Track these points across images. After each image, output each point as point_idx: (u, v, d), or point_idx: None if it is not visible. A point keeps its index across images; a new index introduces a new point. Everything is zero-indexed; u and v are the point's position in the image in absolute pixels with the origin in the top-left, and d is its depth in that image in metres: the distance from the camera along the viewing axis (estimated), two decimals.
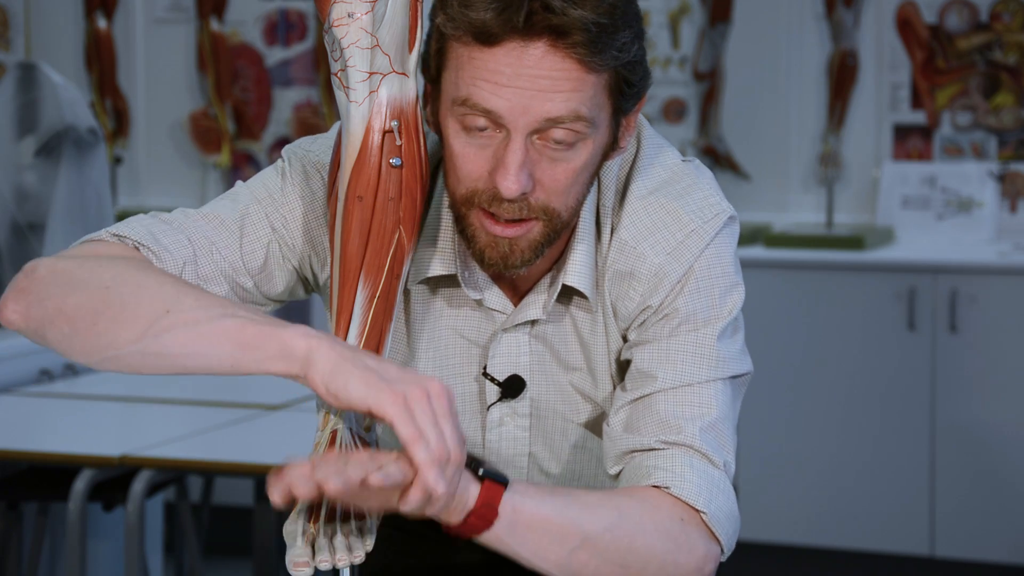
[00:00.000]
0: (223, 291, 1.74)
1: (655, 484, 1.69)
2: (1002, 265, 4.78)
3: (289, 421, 3.45)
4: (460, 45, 1.63)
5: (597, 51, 1.61)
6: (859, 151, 5.38)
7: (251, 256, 1.77)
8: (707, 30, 5.39)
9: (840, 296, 4.86)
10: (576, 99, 1.62)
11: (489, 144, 1.64)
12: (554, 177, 1.65)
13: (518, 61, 1.60)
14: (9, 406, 3.76)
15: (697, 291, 1.76)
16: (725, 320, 1.77)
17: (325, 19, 1.64)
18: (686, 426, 1.73)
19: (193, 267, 1.73)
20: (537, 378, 1.83)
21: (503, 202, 1.64)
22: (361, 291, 1.66)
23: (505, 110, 1.61)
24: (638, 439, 1.74)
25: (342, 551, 1.63)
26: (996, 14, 5.25)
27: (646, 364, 1.76)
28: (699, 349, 1.76)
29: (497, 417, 1.84)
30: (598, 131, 1.66)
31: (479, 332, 1.81)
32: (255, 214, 1.79)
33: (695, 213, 1.77)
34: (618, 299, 1.78)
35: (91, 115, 4.46)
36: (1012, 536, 4.73)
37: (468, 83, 1.62)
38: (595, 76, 1.62)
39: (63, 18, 6.01)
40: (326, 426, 1.65)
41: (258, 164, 5.90)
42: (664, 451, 1.72)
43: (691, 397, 1.75)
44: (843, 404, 4.85)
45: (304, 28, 5.87)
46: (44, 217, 4.26)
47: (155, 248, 1.71)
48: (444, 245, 1.77)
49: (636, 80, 1.67)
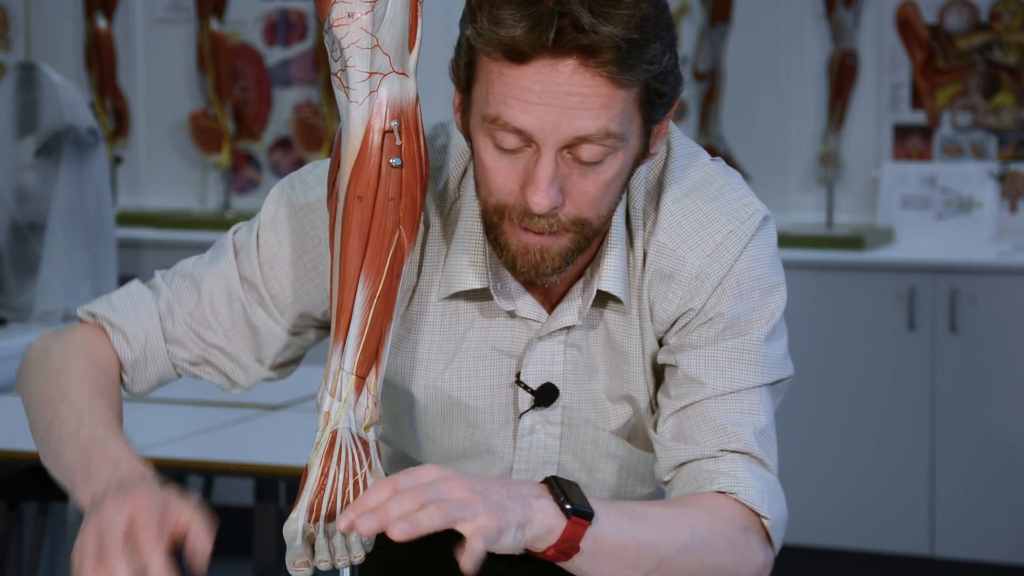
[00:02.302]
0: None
1: (720, 490, 1.70)
2: (1002, 265, 4.78)
3: (289, 421, 3.45)
4: (490, 60, 1.62)
5: (627, 68, 1.60)
6: (859, 151, 5.38)
7: (241, 344, 1.83)
8: (707, 30, 5.39)
9: (840, 296, 4.86)
10: (606, 116, 1.61)
11: (519, 159, 1.64)
12: (584, 190, 1.65)
13: (548, 79, 1.59)
14: (9, 406, 3.76)
15: (739, 295, 1.76)
16: (769, 323, 1.77)
17: (325, 19, 1.64)
18: (742, 432, 1.74)
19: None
20: (570, 387, 1.82)
21: (533, 217, 1.64)
22: (361, 291, 1.66)
23: (536, 128, 1.61)
24: (695, 448, 1.74)
25: (342, 551, 1.63)
26: (996, 14, 5.25)
27: (693, 370, 1.76)
28: (746, 355, 1.76)
29: (529, 425, 1.83)
30: (628, 143, 1.65)
31: (512, 342, 1.81)
32: (237, 301, 1.82)
33: (731, 214, 1.77)
34: (656, 301, 1.77)
35: (91, 115, 4.46)
36: (1012, 536, 4.73)
37: (499, 101, 1.62)
38: (625, 91, 1.62)
39: (63, 18, 6.01)
40: (326, 426, 1.65)
41: (258, 164, 5.91)
42: (723, 457, 1.73)
43: (741, 403, 1.75)
44: (843, 404, 4.85)
45: (304, 28, 5.87)
46: (44, 217, 4.26)
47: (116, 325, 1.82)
48: (476, 258, 1.77)
49: (667, 90, 1.66)
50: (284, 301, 1.82)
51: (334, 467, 1.63)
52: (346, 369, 1.65)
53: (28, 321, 4.22)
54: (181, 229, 5.57)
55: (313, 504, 1.63)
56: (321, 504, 1.63)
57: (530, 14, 1.58)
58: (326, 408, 1.65)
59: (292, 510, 1.64)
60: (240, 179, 5.92)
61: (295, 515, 1.63)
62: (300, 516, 1.63)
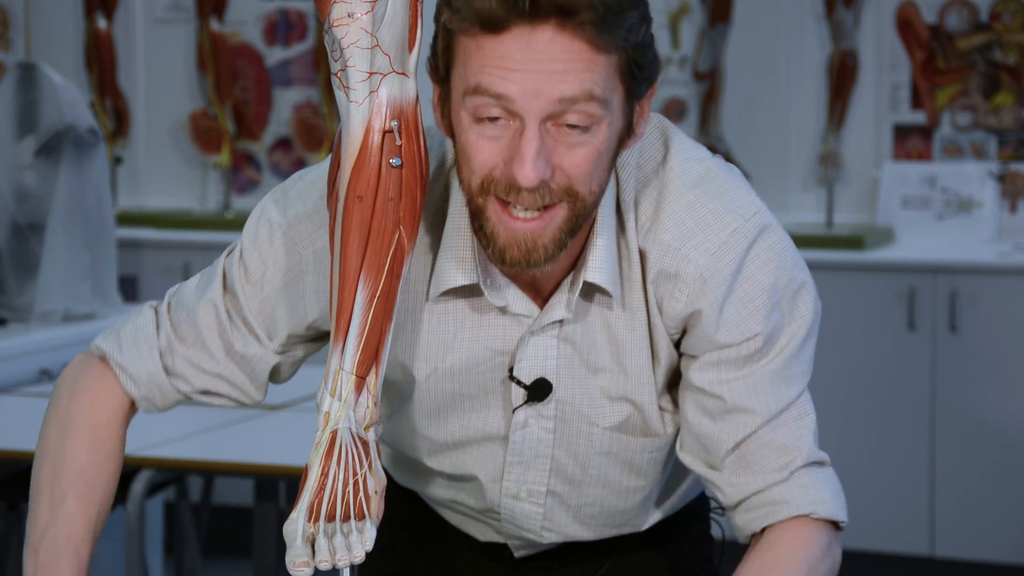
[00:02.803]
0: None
1: (801, 513, 1.73)
2: (1002, 265, 4.78)
3: (289, 421, 3.45)
4: (467, 38, 1.62)
5: (606, 30, 1.59)
6: (859, 151, 5.38)
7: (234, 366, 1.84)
8: (707, 30, 5.39)
9: (840, 296, 4.86)
10: (588, 79, 1.60)
11: (503, 135, 1.63)
12: (574, 162, 1.63)
13: (527, 45, 1.59)
14: (9, 406, 3.76)
15: (770, 308, 1.75)
16: (803, 328, 1.77)
17: (325, 19, 1.64)
18: (802, 444, 1.75)
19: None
20: (564, 381, 1.81)
21: (521, 192, 1.63)
22: (361, 291, 1.66)
23: (517, 94, 1.60)
24: (762, 477, 1.75)
25: (342, 551, 1.63)
26: (996, 14, 5.25)
27: (742, 400, 1.75)
28: (789, 370, 1.76)
29: (522, 419, 1.83)
30: (612, 114, 1.64)
31: (504, 339, 1.80)
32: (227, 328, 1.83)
33: (736, 212, 1.76)
34: (664, 299, 1.76)
35: (91, 115, 4.46)
36: (1012, 536, 4.73)
37: (477, 71, 1.61)
38: (605, 56, 1.61)
39: (63, 18, 6.01)
40: (326, 426, 1.65)
41: (258, 164, 5.91)
42: (790, 479, 1.74)
43: (793, 416, 1.76)
44: (843, 404, 4.85)
45: (304, 28, 5.87)
46: (44, 217, 4.26)
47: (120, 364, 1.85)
48: (464, 255, 1.76)
49: (646, 63, 1.65)
50: (272, 324, 1.82)
51: (334, 467, 1.63)
52: (346, 369, 1.65)
53: (28, 321, 4.23)
54: (181, 229, 5.57)
55: (313, 504, 1.63)
56: (321, 504, 1.63)
57: None
58: (326, 408, 1.65)
59: (292, 510, 1.64)
60: (240, 179, 5.92)
61: (295, 515, 1.63)
62: (300, 516, 1.63)
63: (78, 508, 1.77)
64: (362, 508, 1.66)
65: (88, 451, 1.80)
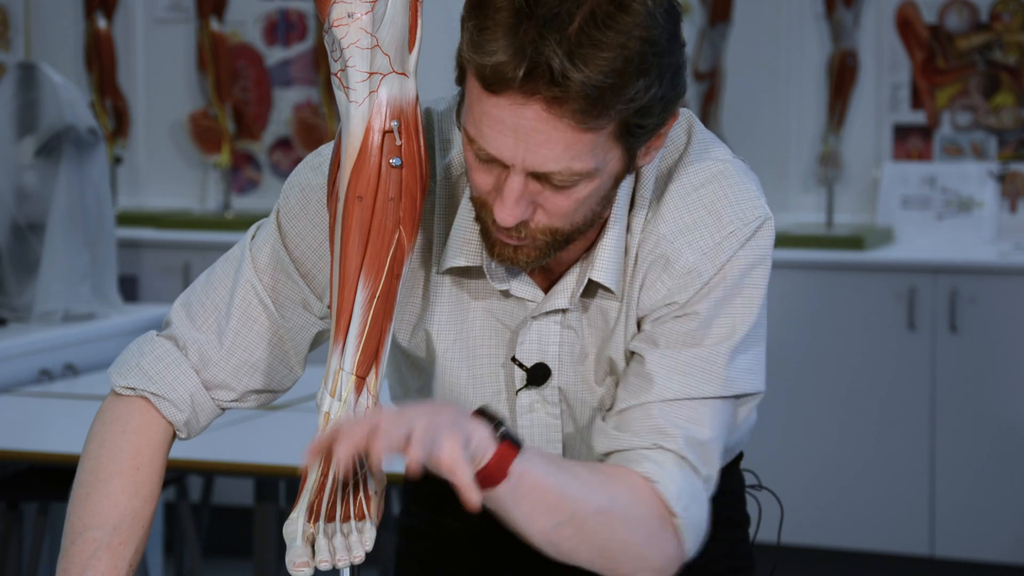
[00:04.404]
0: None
1: (645, 475, 1.70)
2: (1002, 265, 4.78)
3: (289, 421, 3.45)
4: (473, 78, 1.62)
5: (595, 115, 1.58)
6: (859, 151, 5.38)
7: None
8: (707, 30, 5.39)
9: (840, 296, 4.86)
10: (568, 157, 1.61)
11: (494, 168, 1.64)
12: (557, 205, 1.65)
13: (517, 113, 1.59)
14: (9, 406, 3.76)
15: (721, 298, 1.74)
16: (739, 333, 1.75)
17: (325, 19, 1.64)
18: (679, 436, 1.72)
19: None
20: (565, 367, 1.81)
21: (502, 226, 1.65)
22: (361, 291, 1.66)
23: (505, 157, 1.61)
24: (631, 439, 1.73)
25: (342, 551, 1.64)
26: (996, 14, 5.25)
27: (654, 369, 1.74)
28: (709, 364, 1.74)
29: (527, 403, 1.83)
30: (603, 172, 1.64)
31: (511, 317, 1.81)
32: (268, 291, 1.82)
33: (737, 216, 1.75)
34: (645, 290, 1.76)
35: (91, 115, 4.46)
36: (1012, 536, 4.73)
37: (476, 123, 1.62)
38: (593, 134, 1.60)
39: (63, 18, 6.01)
40: (326, 426, 1.65)
41: (258, 164, 5.91)
42: (655, 451, 1.72)
43: (690, 412, 1.74)
44: (843, 404, 4.85)
45: (304, 28, 5.87)
46: (44, 217, 4.26)
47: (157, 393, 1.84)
48: (471, 236, 1.76)
49: (650, 121, 1.64)
50: (320, 285, 1.81)
51: (334, 467, 1.63)
52: (346, 369, 1.65)
53: (28, 321, 4.23)
54: (181, 229, 5.57)
55: (313, 504, 1.63)
56: (321, 504, 1.63)
57: (507, 45, 1.57)
58: (326, 408, 1.66)
59: (292, 510, 1.64)
60: (240, 179, 5.92)
61: (295, 515, 1.63)
62: (300, 516, 1.63)
63: (109, 565, 1.76)
64: (362, 508, 1.66)
65: (128, 498, 1.79)
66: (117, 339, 4.28)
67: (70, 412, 3.65)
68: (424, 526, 2.04)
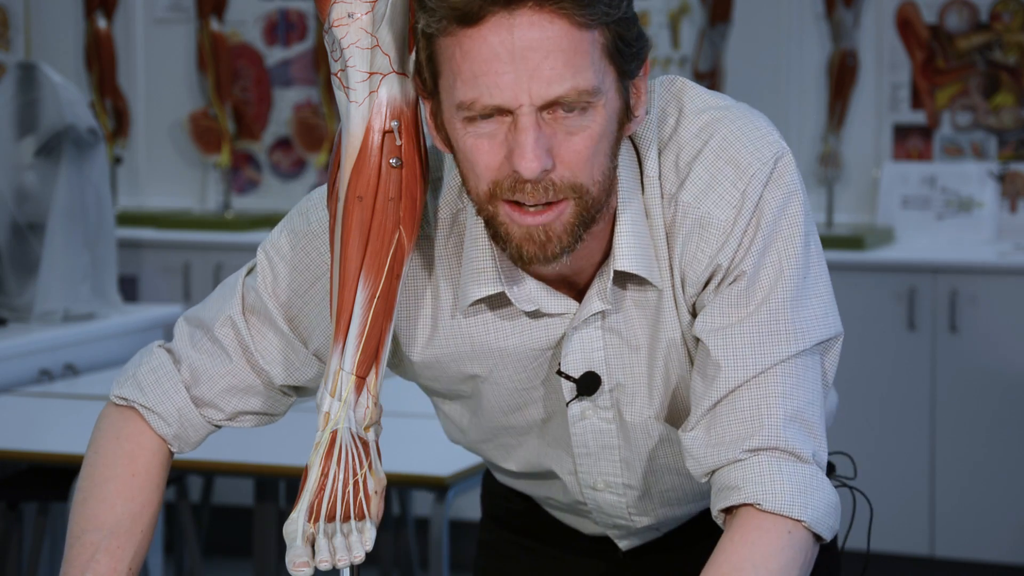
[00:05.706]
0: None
1: (746, 502, 1.64)
2: (1002, 265, 4.78)
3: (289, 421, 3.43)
4: (447, 39, 1.59)
5: (585, 4, 1.57)
6: (859, 151, 5.38)
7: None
8: (707, 30, 5.39)
9: (840, 296, 4.81)
10: (572, 70, 1.57)
11: (499, 129, 1.60)
12: (573, 149, 1.60)
13: (509, 35, 1.56)
14: (9, 406, 3.76)
15: (763, 248, 1.68)
16: (794, 277, 1.69)
17: (325, 19, 1.64)
18: (768, 424, 1.66)
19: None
20: (615, 371, 1.78)
21: (526, 185, 1.59)
22: (361, 291, 1.66)
23: (510, 100, 1.57)
24: (721, 453, 1.67)
25: (342, 551, 1.64)
26: (996, 14, 5.25)
27: (720, 354, 1.68)
28: (774, 323, 1.68)
29: (579, 411, 1.80)
30: (606, 95, 1.61)
31: (546, 338, 1.77)
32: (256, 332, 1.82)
33: (753, 155, 1.70)
34: (688, 265, 1.71)
35: (91, 115, 4.47)
36: (1012, 536, 4.73)
37: (469, 77, 1.58)
38: (588, 34, 1.58)
39: (63, 18, 6.01)
40: (326, 426, 1.65)
41: (258, 164, 5.91)
42: (748, 461, 1.66)
43: (771, 386, 1.67)
44: (843, 404, 4.83)
45: (304, 28, 5.87)
46: (44, 217, 4.26)
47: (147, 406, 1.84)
48: (486, 265, 1.72)
49: (633, 38, 1.62)
50: (306, 331, 1.81)
51: (334, 467, 1.63)
52: (346, 369, 1.66)
53: (28, 321, 4.23)
54: (181, 229, 5.57)
55: (313, 504, 1.63)
56: (321, 504, 1.63)
57: None
58: (326, 408, 1.66)
59: (292, 510, 1.64)
60: (240, 179, 5.92)
61: (295, 515, 1.63)
62: (300, 516, 1.63)
63: (108, 567, 1.76)
64: (362, 508, 1.66)
65: (124, 502, 1.79)
66: (117, 339, 4.28)
67: (70, 412, 3.65)
68: (498, 542, 2.07)
